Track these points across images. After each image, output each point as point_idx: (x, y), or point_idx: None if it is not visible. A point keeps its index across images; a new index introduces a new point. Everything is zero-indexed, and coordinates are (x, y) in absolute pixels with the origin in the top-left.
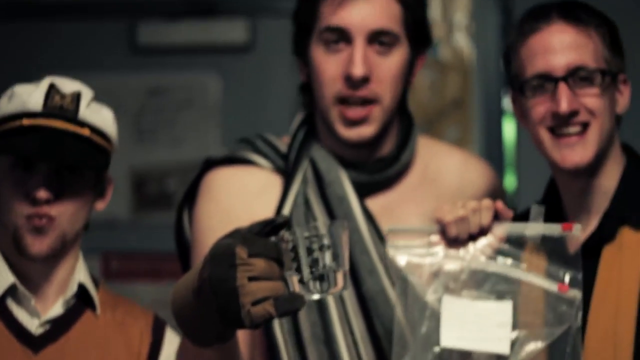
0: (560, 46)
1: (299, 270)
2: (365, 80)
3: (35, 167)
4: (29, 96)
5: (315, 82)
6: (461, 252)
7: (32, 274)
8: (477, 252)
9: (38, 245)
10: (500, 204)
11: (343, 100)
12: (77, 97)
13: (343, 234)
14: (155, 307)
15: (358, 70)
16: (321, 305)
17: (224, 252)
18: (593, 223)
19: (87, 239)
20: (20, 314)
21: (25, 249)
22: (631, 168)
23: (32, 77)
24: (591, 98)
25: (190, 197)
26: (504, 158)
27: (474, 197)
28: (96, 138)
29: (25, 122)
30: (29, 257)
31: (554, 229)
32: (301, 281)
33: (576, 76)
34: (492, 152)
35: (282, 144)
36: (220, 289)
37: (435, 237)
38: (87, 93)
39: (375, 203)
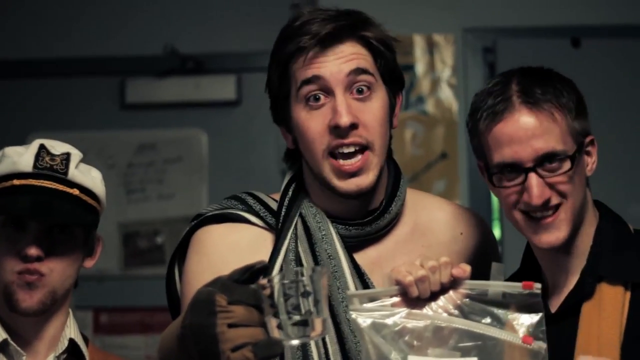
0: (525, 135)
1: (277, 315)
2: (353, 126)
3: (26, 225)
4: (20, 157)
5: (302, 141)
6: (424, 309)
7: (24, 331)
8: (439, 308)
9: (29, 300)
10: (455, 270)
11: (334, 154)
12: (66, 158)
13: (323, 280)
14: None
15: (344, 119)
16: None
17: (204, 299)
18: (572, 281)
19: (78, 294)
20: None
21: (17, 304)
22: (604, 225)
23: (22, 132)
24: (562, 183)
25: (181, 252)
26: (491, 211)
27: (465, 250)
28: (85, 197)
29: (16, 182)
30: (20, 312)
31: (514, 286)
32: (280, 326)
33: (545, 162)
34: (478, 205)
35: (272, 201)
36: (201, 336)
37: (397, 299)
38: (76, 154)
39: (366, 256)
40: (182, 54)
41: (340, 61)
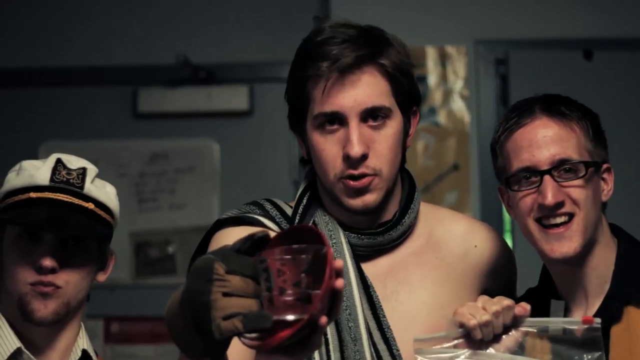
0: (544, 140)
1: (270, 290)
2: (364, 157)
3: (41, 237)
4: (37, 171)
5: (316, 162)
6: (487, 349)
7: (37, 340)
8: (501, 347)
9: (43, 310)
10: (516, 310)
11: (345, 177)
12: (82, 172)
13: (326, 263)
14: None
15: (356, 150)
16: None
17: (203, 266)
18: (593, 304)
19: (89, 303)
20: None
21: (31, 314)
22: (625, 248)
23: (34, 141)
24: (575, 189)
25: (201, 253)
26: (502, 223)
27: (479, 263)
28: (100, 212)
29: (33, 195)
30: (35, 322)
31: (573, 322)
32: (271, 301)
33: (560, 168)
34: (490, 216)
35: (289, 208)
36: (196, 301)
37: (460, 341)
38: (92, 169)
39: (378, 266)
40: (195, 64)
41: (357, 93)
